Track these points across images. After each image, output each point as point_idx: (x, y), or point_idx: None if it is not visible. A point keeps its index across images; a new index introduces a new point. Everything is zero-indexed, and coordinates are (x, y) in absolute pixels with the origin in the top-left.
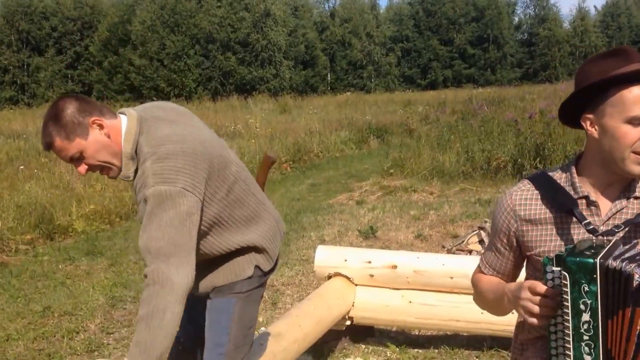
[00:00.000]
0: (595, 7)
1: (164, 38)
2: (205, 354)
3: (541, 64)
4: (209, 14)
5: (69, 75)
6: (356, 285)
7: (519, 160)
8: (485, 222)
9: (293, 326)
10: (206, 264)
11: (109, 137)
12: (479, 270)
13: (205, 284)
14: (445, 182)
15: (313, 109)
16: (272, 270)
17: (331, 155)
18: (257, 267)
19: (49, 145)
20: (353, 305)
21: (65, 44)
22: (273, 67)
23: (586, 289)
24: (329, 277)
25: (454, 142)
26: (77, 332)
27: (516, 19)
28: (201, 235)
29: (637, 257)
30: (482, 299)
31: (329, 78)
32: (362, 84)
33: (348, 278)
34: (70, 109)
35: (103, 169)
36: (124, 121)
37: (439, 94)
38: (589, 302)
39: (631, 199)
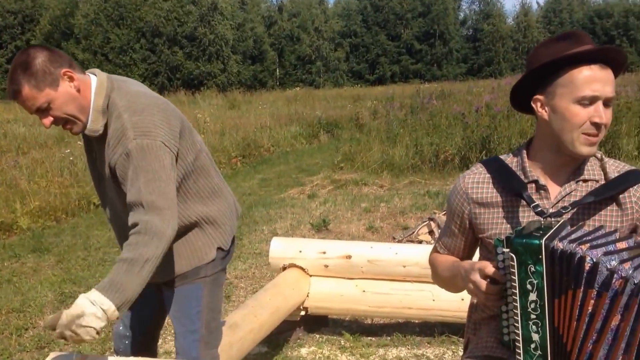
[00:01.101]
0: (537, 2)
1: (108, 32)
2: (178, 342)
3: (485, 59)
4: (155, 7)
5: None
6: (311, 275)
7: (466, 153)
8: (435, 213)
9: (249, 316)
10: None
11: (78, 91)
12: (435, 250)
13: (169, 271)
14: (395, 175)
15: (262, 104)
16: (230, 252)
17: (282, 150)
18: (219, 248)
19: (15, 94)
20: (308, 296)
21: (5, 38)
22: (221, 61)
23: (532, 269)
24: (284, 268)
25: (403, 136)
26: (26, 329)
27: (461, 14)
28: None
29: (584, 238)
30: (439, 277)
31: (277, 73)
32: (311, 79)
33: (303, 269)
34: (42, 58)
35: (67, 122)
36: (93, 78)
37: (387, 89)
38: (535, 282)
39: (580, 182)
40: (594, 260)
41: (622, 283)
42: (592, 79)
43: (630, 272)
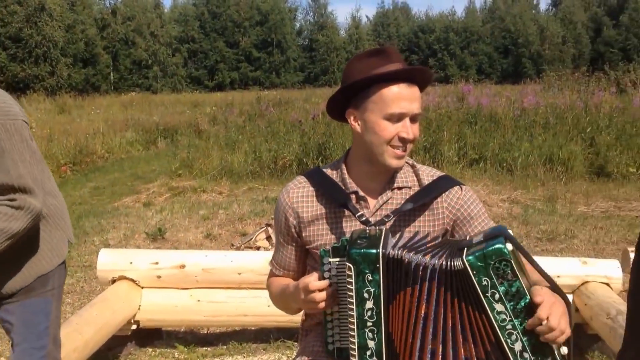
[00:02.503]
0: (367, 16)
1: None
2: (21, 358)
3: (321, 68)
4: None
5: None
6: (143, 287)
7: (304, 159)
8: (273, 219)
9: (73, 334)
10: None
11: None
12: (271, 274)
13: (15, 281)
14: (234, 181)
15: (95, 109)
16: None
17: (116, 156)
18: (61, 261)
19: None
20: (139, 309)
21: None
22: (49, 64)
23: (369, 278)
24: (114, 281)
25: (242, 142)
26: None
27: (297, 24)
28: None
29: (408, 244)
30: (277, 302)
31: (112, 77)
32: (147, 84)
33: (134, 281)
34: None
35: None
36: None
37: (227, 96)
38: (372, 290)
39: (395, 190)
40: (409, 260)
41: (424, 271)
42: (400, 97)
43: (428, 259)
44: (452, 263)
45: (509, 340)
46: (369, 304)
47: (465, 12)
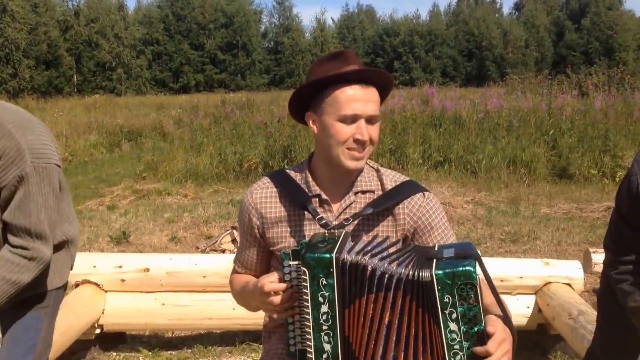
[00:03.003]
0: (332, 19)
1: None
2: None
3: (287, 71)
4: None
5: None
6: (106, 291)
7: (269, 162)
8: (238, 221)
9: None
10: None
11: None
12: (234, 271)
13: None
14: (199, 184)
15: (58, 112)
16: None
17: (79, 159)
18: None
19: None
20: (103, 313)
21: None
22: (11, 66)
23: (324, 282)
24: (77, 285)
25: (207, 145)
26: None
27: (263, 27)
28: None
29: (366, 248)
30: (238, 299)
31: (75, 79)
32: (111, 87)
33: (97, 285)
34: None
35: None
36: None
37: (192, 98)
38: (327, 294)
39: (358, 194)
40: (373, 267)
41: (389, 280)
42: (353, 98)
43: (395, 268)
44: (420, 274)
45: None
46: (324, 308)
47: (429, 15)
